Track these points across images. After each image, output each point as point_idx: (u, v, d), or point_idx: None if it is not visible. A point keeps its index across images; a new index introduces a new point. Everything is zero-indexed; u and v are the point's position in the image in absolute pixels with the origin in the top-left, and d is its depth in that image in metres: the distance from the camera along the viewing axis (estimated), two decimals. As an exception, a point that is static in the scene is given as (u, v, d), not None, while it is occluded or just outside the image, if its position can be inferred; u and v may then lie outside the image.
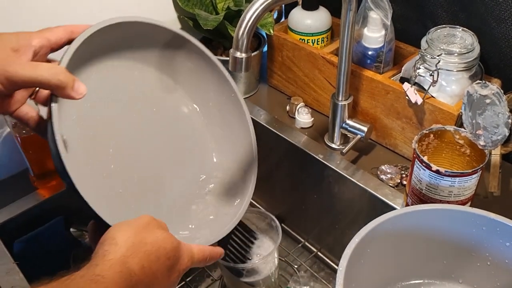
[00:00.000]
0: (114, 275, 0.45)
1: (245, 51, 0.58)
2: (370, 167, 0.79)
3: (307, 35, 0.88)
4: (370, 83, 0.79)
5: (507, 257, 0.58)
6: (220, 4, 0.89)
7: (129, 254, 0.47)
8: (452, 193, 0.63)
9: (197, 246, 0.57)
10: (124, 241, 0.48)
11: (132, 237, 0.49)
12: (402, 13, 0.82)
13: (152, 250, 0.49)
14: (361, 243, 0.55)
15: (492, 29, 0.71)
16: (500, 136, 0.60)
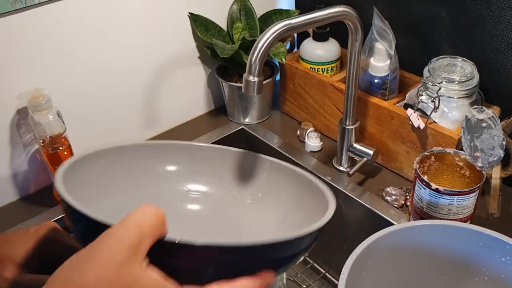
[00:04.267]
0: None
1: (257, 75, 0.63)
2: (376, 189, 0.83)
3: (318, 64, 0.93)
4: (377, 109, 0.83)
5: (503, 272, 0.60)
6: (236, 35, 0.95)
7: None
8: (451, 211, 0.66)
9: (216, 285, 0.41)
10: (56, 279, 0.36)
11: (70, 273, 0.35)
12: (408, 45, 0.87)
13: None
14: (363, 254, 0.58)
15: (491, 59, 0.75)
16: (496, 157, 0.64)
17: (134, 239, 0.36)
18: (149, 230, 0.37)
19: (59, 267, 0.35)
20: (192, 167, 0.63)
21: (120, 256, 0.35)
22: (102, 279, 0.34)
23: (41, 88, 0.75)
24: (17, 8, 0.71)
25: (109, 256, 0.35)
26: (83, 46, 0.81)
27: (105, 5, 0.80)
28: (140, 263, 0.36)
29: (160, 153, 0.62)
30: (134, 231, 0.36)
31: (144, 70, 0.91)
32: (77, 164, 0.51)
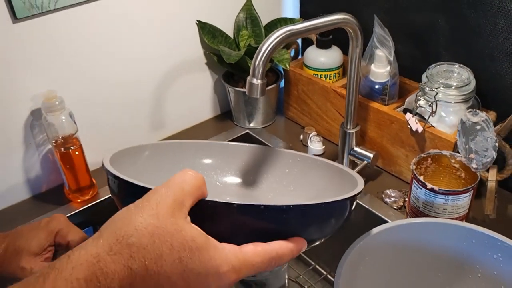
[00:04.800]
0: (70, 281, 0.35)
1: (260, 78, 0.66)
2: (376, 192, 0.85)
3: (321, 70, 0.96)
4: (377, 114, 0.86)
5: (495, 269, 0.62)
6: (242, 42, 0.98)
7: (106, 250, 0.37)
8: (446, 211, 0.68)
9: (251, 247, 0.43)
10: (110, 231, 0.38)
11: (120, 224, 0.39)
12: (407, 52, 0.90)
13: (148, 242, 0.37)
14: (360, 249, 0.61)
15: (487, 66, 0.78)
16: (489, 158, 0.66)
17: (178, 196, 0.40)
18: (190, 189, 0.41)
19: (109, 219, 0.39)
20: (227, 162, 0.70)
21: (166, 208, 0.39)
22: (149, 225, 0.37)
23: (54, 90, 0.79)
24: (33, 13, 0.75)
25: (156, 208, 0.39)
26: (95, 51, 0.84)
27: (117, 12, 0.84)
28: (184, 217, 0.40)
29: (199, 149, 0.69)
30: (178, 189, 0.40)
31: (153, 75, 0.94)
32: (123, 153, 0.56)
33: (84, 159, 0.84)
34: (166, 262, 0.37)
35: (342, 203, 0.50)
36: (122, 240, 0.37)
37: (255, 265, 0.42)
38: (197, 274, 0.39)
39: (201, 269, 0.39)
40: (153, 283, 0.37)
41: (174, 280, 0.38)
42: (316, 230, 0.49)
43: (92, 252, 0.36)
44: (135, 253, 0.37)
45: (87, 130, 0.86)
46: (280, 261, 0.44)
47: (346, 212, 0.52)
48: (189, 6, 0.93)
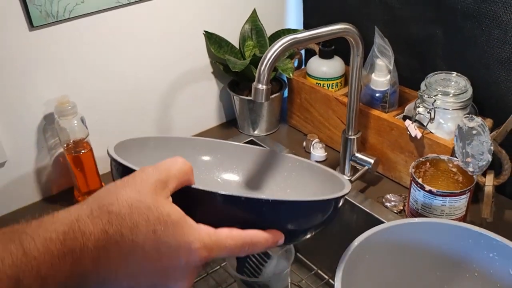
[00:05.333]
0: (48, 237, 0.38)
1: (265, 84, 0.69)
2: (377, 196, 0.88)
3: (323, 79, 1.00)
4: (377, 121, 0.89)
5: (491, 268, 0.65)
6: (247, 52, 1.02)
7: (87, 214, 0.40)
8: (444, 212, 0.71)
9: (226, 230, 0.45)
10: (95, 200, 0.41)
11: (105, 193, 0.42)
12: (406, 62, 0.93)
13: (126, 212, 0.40)
14: (359, 248, 0.63)
15: (483, 75, 0.81)
16: (485, 162, 0.69)
17: (162, 177, 0.43)
18: (177, 173, 0.44)
19: (97, 191, 0.43)
20: (230, 161, 0.73)
21: (149, 185, 0.42)
22: (130, 198, 0.41)
23: (67, 95, 0.82)
24: (49, 22, 0.79)
25: (139, 184, 0.42)
26: (105, 59, 0.88)
27: (127, 23, 0.88)
28: (165, 196, 0.43)
29: (201, 146, 0.72)
30: (164, 171, 0.44)
31: (161, 83, 0.98)
32: (126, 142, 0.59)
33: (94, 163, 0.87)
34: (141, 232, 0.40)
35: (317, 203, 0.53)
36: (103, 207, 0.40)
37: (228, 247, 0.45)
38: (169, 247, 0.41)
39: (173, 242, 0.41)
40: (127, 250, 0.40)
41: (147, 249, 0.40)
42: (294, 226, 0.51)
43: (74, 214, 0.40)
44: (113, 220, 0.40)
45: (97, 134, 0.89)
46: (254, 248, 0.47)
47: (323, 213, 0.54)
48: (196, 17, 0.97)
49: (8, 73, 0.78)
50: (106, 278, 0.41)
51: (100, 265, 0.40)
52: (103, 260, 0.39)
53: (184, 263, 0.42)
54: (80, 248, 0.38)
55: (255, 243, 0.46)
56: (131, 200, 0.41)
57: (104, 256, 0.39)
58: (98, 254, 0.39)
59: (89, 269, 0.39)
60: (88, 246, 0.39)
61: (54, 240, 0.38)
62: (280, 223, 0.49)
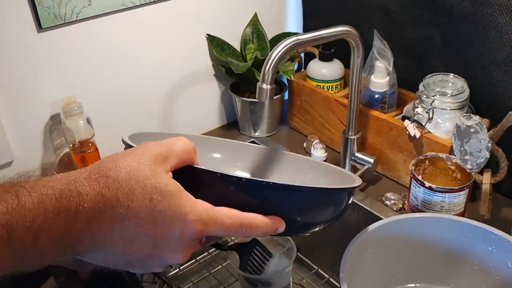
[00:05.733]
0: (44, 192, 0.39)
1: (270, 83, 0.71)
2: (377, 195, 0.90)
3: (323, 82, 1.02)
4: (376, 122, 0.91)
5: (490, 261, 0.67)
6: (249, 55, 1.04)
7: (84, 177, 0.41)
8: (443, 208, 0.73)
9: (225, 208, 0.46)
10: (94, 166, 0.42)
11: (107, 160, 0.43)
12: (405, 64, 0.96)
13: (124, 178, 0.41)
14: (363, 240, 0.65)
15: (479, 75, 0.84)
16: (483, 159, 0.71)
17: (163, 152, 0.44)
18: (178, 151, 0.45)
19: (102, 159, 0.44)
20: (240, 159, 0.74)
21: (149, 158, 0.43)
22: (129, 166, 0.42)
23: (74, 96, 0.84)
24: (57, 24, 0.80)
25: (140, 155, 0.43)
26: (111, 61, 0.90)
27: (132, 25, 0.90)
28: (164, 170, 0.44)
29: (215, 145, 0.74)
30: (165, 146, 0.45)
31: (164, 85, 0.99)
32: (140, 135, 0.61)
33: (100, 162, 0.88)
34: (137, 199, 0.41)
35: (322, 191, 0.51)
36: (101, 171, 0.41)
37: (224, 225, 0.45)
38: (164, 216, 0.42)
39: (169, 212, 0.42)
40: (122, 215, 0.40)
41: (142, 216, 0.41)
42: (295, 214, 0.50)
43: (72, 175, 0.41)
44: (110, 184, 0.40)
45: (103, 135, 0.91)
46: (252, 231, 0.46)
47: (327, 205, 0.53)
48: (199, 20, 0.99)
49: (16, 74, 0.80)
50: (101, 242, 0.41)
51: (94, 227, 0.40)
52: (97, 222, 0.40)
53: (179, 234, 0.43)
54: (75, 207, 0.39)
55: (254, 226, 0.46)
56: (129, 168, 0.42)
57: (99, 218, 0.40)
58: (93, 215, 0.40)
59: (83, 230, 0.40)
60: (84, 207, 0.39)
61: (49, 196, 0.38)
62: (281, 209, 0.48)
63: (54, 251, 0.40)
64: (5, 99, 0.80)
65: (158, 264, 0.45)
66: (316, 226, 0.55)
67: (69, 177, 0.40)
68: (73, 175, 0.41)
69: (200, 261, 1.04)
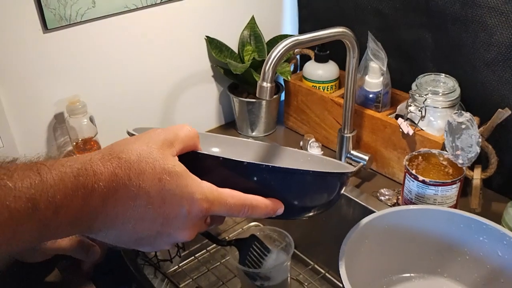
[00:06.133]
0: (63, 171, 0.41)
1: (270, 82, 0.74)
2: (372, 191, 0.93)
3: (319, 82, 1.05)
4: (371, 120, 0.94)
5: (481, 251, 0.70)
6: (247, 57, 1.07)
7: (98, 158, 0.44)
8: (436, 201, 0.76)
9: (228, 190, 0.49)
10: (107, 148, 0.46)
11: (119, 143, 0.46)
12: (398, 65, 0.99)
13: (135, 160, 0.44)
14: (360, 231, 0.68)
15: (470, 75, 0.87)
16: (474, 153, 0.75)
17: (169, 137, 0.47)
18: (183, 136, 0.49)
19: (112, 144, 0.47)
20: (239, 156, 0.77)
21: (156, 142, 0.46)
22: (139, 149, 0.45)
23: (78, 95, 0.86)
24: (62, 25, 0.83)
25: (148, 140, 0.46)
26: (113, 62, 0.92)
27: (134, 27, 0.92)
28: (171, 154, 0.47)
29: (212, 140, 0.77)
30: (171, 132, 0.48)
31: (165, 85, 1.02)
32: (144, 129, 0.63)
33: (102, 160, 0.91)
34: (147, 178, 0.44)
35: (318, 174, 0.54)
36: (113, 153, 0.44)
37: (228, 204, 0.48)
38: (173, 195, 0.45)
39: (177, 191, 0.45)
40: (133, 193, 0.44)
41: (152, 195, 0.44)
42: (292, 197, 0.53)
43: (87, 156, 0.44)
44: (123, 165, 0.43)
45: (105, 133, 0.93)
46: (253, 211, 0.50)
47: (323, 188, 0.56)
48: (198, 23, 1.02)
49: (22, 73, 0.82)
50: (114, 219, 0.44)
51: (108, 204, 0.43)
52: (111, 200, 0.43)
53: (186, 211, 0.46)
54: (91, 185, 0.42)
55: (255, 207, 0.49)
56: (139, 150, 0.45)
57: (113, 197, 0.43)
58: (107, 193, 0.43)
59: (98, 208, 0.43)
60: (99, 185, 0.42)
61: (68, 173, 0.41)
62: (280, 192, 0.51)
63: (71, 227, 0.43)
64: (12, 97, 0.83)
65: (167, 242, 0.48)
66: (311, 210, 0.57)
67: (85, 158, 0.43)
68: (88, 156, 0.44)
69: (199, 258, 1.07)
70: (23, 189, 0.39)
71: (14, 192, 0.39)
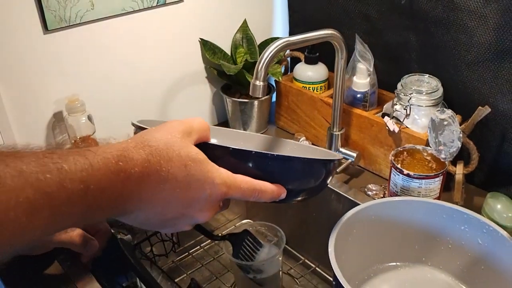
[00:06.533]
0: (105, 156, 0.45)
1: (262, 80, 0.78)
2: (359, 187, 0.97)
3: (309, 83, 1.09)
4: (359, 119, 0.99)
5: (462, 239, 0.74)
6: (239, 58, 1.11)
7: (132, 146, 0.48)
8: (420, 194, 0.80)
9: (242, 176, 0.54)
10: (136, 137, 0.50)
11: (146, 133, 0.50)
12: (384, 67, 1.04)
13: (163, 147, 0.48)
14: (348, 222, 0.71)
15: (452, 75, 0.92)
16: (455, 148, 0.79)
17: (187, 127, 0.52)
18: (198, 127, 0.53)
19: (137, 135, 0.51)
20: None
21: (177, 132, 0.51)
22: (164, 138, 0.50)
23: (77, 94, 0.89)
24: (62, 26, 0.86)
25: (169, 130, 0.51)
26: (111, 62, 0.95)
27: (131, 29, 0.96)
28: (191, 142, 0.51)
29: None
30: (187, 124, 0.53)
31: (160, 86, 1.05)
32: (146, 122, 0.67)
33: (100, 157, 0.94)
34: (175, 164, 0.48)
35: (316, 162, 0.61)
36: (144, 142, 0.49)
37: (242, 189, 0.53)
38: (197, 180, 0.50)
39: (200, 176, 0.50)
40: (163, 178, 0.48)
41: (179, 180, 0.49)
42: (293, 182, 0.59)
43: (123, 144, 0.48)
44: (153, 152, 0.48)
45: (103, 131, 0.96)
46: (262, 195, 0.55)
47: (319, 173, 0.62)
48: (193, 26, 1.05)
49: (23, 72, 0.85)
50: (145, 201, 0.48)
51: (142, 188, 0.47)
52: (144, 184, 0.47)
53: (208, 195, 0.51)
54: (128, 170, 0.46)
55: (263, 191, 0.55)
56: (166, 139, 0.50)
57: (147, 181, 0.47)
58: (142, 178, 0.47)
59: (134, 191, 0.47)
60: (135, 170, 0.46)
61: (110, 159, 0.45)
62: (284, 176, 0.57)
63: (109, 209, 0.46)
64: (12, 96, 0.85)
65: (188, 223, 0.53)
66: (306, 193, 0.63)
67: (121, 145, 0.48)
68: (123, 144, 0.48)
69: (193, 254, 1.10)
70: (77, 172, 0.42)
71: (70, 175, 0.42)
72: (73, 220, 0.44)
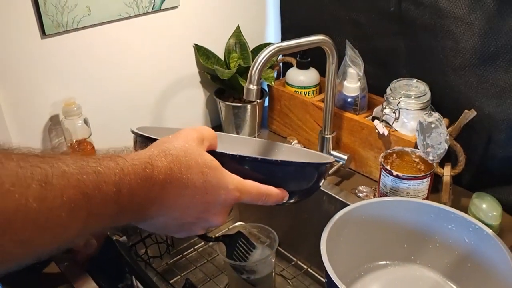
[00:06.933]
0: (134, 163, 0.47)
1: (256, 84, 0.80)
2: (350, 189, 0.99)
3: (301, 88, 1.11)
4: (349, 122, 1.01)
5: (450, 238, 0.76)
6: (232, 63, 1.13)
7: (156, 154, 0.51)
8: (409, 194, 0.83)
9: (250, 181, 0.57)
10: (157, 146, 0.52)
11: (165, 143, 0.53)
12: (374, 72, 1.06)
13: (182, 156, 0.51)
14: (339, 221, 0.74)
15: (439, 80, 0.94)
16: (442, 150, 0.81)
17: (199, 135, 0.55)
18: (208, 135, 0.56)
19: (155, 143, 0.54)
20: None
21: (192, 140, 0.54)
22: (183, 147, 0.53)
23: (73, 97, 0.91)
24: (59, 31, 0.88)
25: (186, 138, 0.54)
26: (107, 66, 0.97)
27: (127, 34, 0.97)
28: (204, 149, 0.54)
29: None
30: (199, 132, 0.56)
31: (154, 90, 1.07)
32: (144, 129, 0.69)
33: (96, 160, 0.95)
34: (193, 171, 0.52)
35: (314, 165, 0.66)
36: (166, 151, 0.52)
37: (252, 193, 0.56)
38: (213, 186, 0.53)
39: (215, 182, 0.53)
40: (183, 184, 0.51)
41: (197, 186, 0.52)
42: (294, 185, 0.62)
43: (147, 152, 0.51)
44: (175, 160, 0.51)
45: (99, 135, 0.98)
46: (268, 199, 0.58)
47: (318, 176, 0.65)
48: (187, 31, 1.07)
49: (20, 76, 0.87)
50: (164, 207, 0.51)
51: (164, 194, 0.50)
52: (166, 191, 0.50)
53: (223, 199, 0.54)
54: (153, 177, 0.48)
55: (270, 195, 0.58)
56: (184, 148, 0.52)
57: (169, 187, 0.50)
58: (164, 184, 0.49)
59: (157, 197, 0.49)
60: (159, 177, 0.49)
61: (138, 166, 0.48)
62: (286, 180, 0.60)
63: (133, 213, 0.49)
64: (10, 99, 0.87)
65: (203, 226, 0.56)
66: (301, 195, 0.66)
67: (146, 154, 0.50)
68: (147, 152, 0.51)
69: (187, 256, 1.11)
70: (111, 175, 0.45)
71: (105, 178, 0.44)
72: (105, 223, 0.46)
